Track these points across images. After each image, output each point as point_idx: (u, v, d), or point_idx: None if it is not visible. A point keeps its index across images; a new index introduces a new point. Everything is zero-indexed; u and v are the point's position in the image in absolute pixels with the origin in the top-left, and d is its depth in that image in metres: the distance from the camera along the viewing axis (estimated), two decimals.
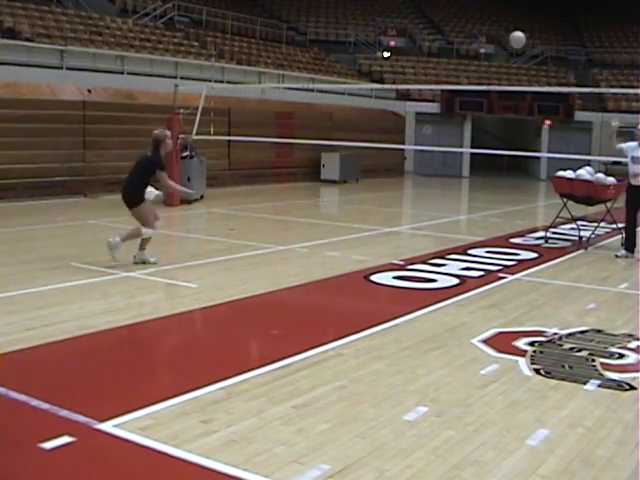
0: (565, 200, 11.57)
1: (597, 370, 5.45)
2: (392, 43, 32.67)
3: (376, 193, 20.33)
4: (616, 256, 10.43)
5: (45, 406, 4.36)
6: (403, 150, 26.42)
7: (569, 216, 11.71)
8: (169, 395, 4.60)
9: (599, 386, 5.11)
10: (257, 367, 5.21)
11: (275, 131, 20.63)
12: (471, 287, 8.19)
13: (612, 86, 29.27)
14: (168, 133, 8.96)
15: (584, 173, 11.20)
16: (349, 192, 20.17)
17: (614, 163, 11.56)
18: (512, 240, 11.86)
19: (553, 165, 21.89)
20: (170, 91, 15.52)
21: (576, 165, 12.10)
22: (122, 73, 18.75)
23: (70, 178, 15.99)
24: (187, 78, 19.25)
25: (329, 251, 10.20)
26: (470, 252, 10.48)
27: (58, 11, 20.72)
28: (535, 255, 10.50)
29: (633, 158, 10.11)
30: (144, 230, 8.70)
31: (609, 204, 11.20)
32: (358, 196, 19.25)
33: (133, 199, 8.83)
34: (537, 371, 5.37)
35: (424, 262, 9.58)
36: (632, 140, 10.33)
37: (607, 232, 12.36)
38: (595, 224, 12.11)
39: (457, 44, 33.77)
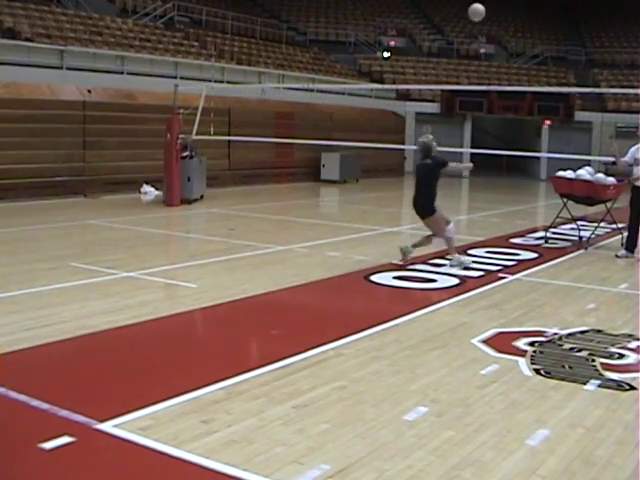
0: (565, 200, 11.57)
1: (597, 370, 5.45)
2: (392, 43, 32.66)
3: (376, 193, 20.33)
4: (616, 256, 10.43)
5: (45, 406, 4.36)
6: (403, 150, 26.42)
7: (569, 216, 11.71)
8: (169, 395, 4.60)
9: (599, 386, 5.11)
10: (257, 367, 5.21)
11: (275, 131, 20.63)
12: (471, 287, 8.19)
13: (612, 86, 29.26)
14: (431, 137, 9.78)
15: (584, 173, 11.20)
16: (349, 192, 20.17)
17: (614, 163, 11.54)
18: (512, 240, 11.86)
19: (553, 165, 21.88)
20: (170, 91, 15.51)
21: (576, 165, 12.10)
22: (122, 73, 18.74)
23: (70, 178, 15.99)
24: (187, 78, 19.24)
25: (329, 251, 10.20)
26: (470, 252, 10.47)
27: (58, 11, 20.72)
28: (535, 255, 10.50)
29: (637, 160, 10.08)
30: (435, 239, 9.34)
31: (609, 204, 11.20)
32: (358, 196, 19.25)
33: (425, 211, 9.51)
34: (537, 371, 5.37)
35: (424, 262, 9.58)
36: (632, 145, 10.32)
37: (607, 232, 12.35)
38: (595, 224, 12.11)
39: (457, 44, 33.77)
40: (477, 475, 3.74)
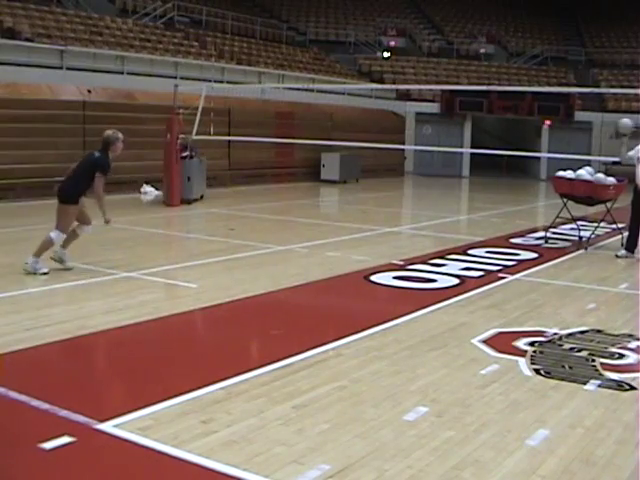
0: (565, 200, 11.57)
1: (597, 370, 5.45)
2: (392, 43, 32.67)
3: (376, 193, 20.33)
4: (616, 256, 10.43)
5: (45, 406, 4.36)
6: (403, 150, 26.42)
7: (569, 216, 11.71)
8: (169, 395, 4.60)
9: (599, 386, 5.11)
10: (257, 367, 5.21)
11: (275, 131, 20.62)
12: (471, 287, 8.19)
13: (612, 86, 29.28)
14: (120, 135, 8.43)
15: (584, 173, 11.20)
16: (349, 192, 20.17)
17: (614, 163, 11.56)
18: (512, 240, 11.85)
19: (553, 165, 21.89)
20: (170, 91, 15.52)
21: (576, 165, 12.10)
22: (122, 73, 18.75)
23: None
24: (187, 78, 19.24)
25: (329, 251, 10.20)
26: (470, 252, 10.47)
27: (58, 11, 20.72)
28: (535, 255, 10.49)
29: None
30: (52, 234, 8.15)
31: (609, 204, 11.20)
32: (358, 196, 19.26)
33: (65, 197, 8.33)
34: (537, 371, 5.37)
35: (424, 262, 9.58)
36: (637, 144, 10.31)
37: (607, 232, 12.35)
38: (595, 224, 12.10)
39: (457, 44, 33.78)
40: (477, 475, 3.74)
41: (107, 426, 4.11)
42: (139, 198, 16.30)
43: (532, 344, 6.03)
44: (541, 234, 12.29)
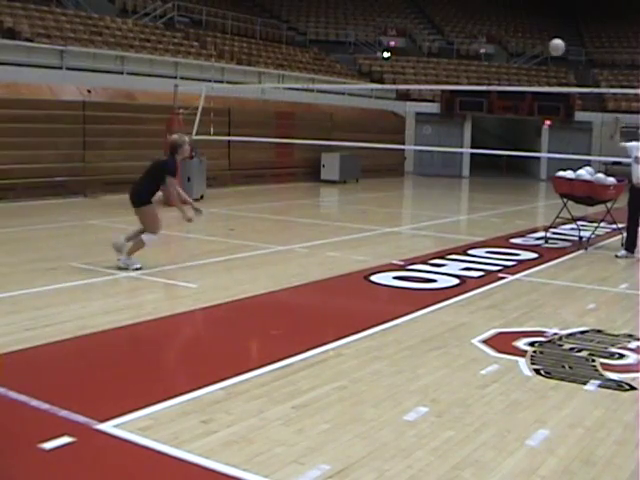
0: (565, 200, 11.58)
1: (597, 370, 5.45)
2: (392, 43, 32.67)
3: (376, 193, 20.33)
4: (616, 256, 10.43)
5: (45, 406, 4.36)
6: (403, 150, 26.41)
7: (569, 216, 11.71)
8: (169, 395, 4.60)
9: (599, 386, 5.11)
10: (257, 367, 5.21)
11: (275, 131, 20.62)
12: (471, 287, 8.19)
13: (612, 86, 29.28)
14: (186, 139, 8.69)
15: (584, 173, 11.21)
16: (349, 192, 20.17)
17: (614, 163, 11.57)
18: (512, 240, 11.86)
19: (553, 165, 21.91)
20: (170, 91, 15.52)
21: (576, 165, 12.10)
22: (122, 73, 18.75)
23: (70, 178, 15.98)
24: (187, 78, 19.25)
25: (329, 251, 10.20)
26: (470, 252, 10.48)
27: (58, 11, 20.72)
28: (535, 255, 10.49)
29: (637, 159, 10.05)
30: (145, 238, 8.43)
31: (609, 204, 11.20)
32: (358, 196, 19.26)
33: (140, 200, 8.54)
34: (537, 371, 5.37)
35: (424, 262, 9.58)
36: (635, 140, 10.30)
37: (607, 232, 12.36)
38: (595, 224, 12.11)
39: (457, 44, 33.78)
40: (477, 475, 3.74)
41: (107, 426, 4.12)
42: None
43: (532, 344, 6.03)
44: (541, 234, 12.29)
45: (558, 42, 10.06)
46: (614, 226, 11.67)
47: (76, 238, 11.04)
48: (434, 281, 8.48)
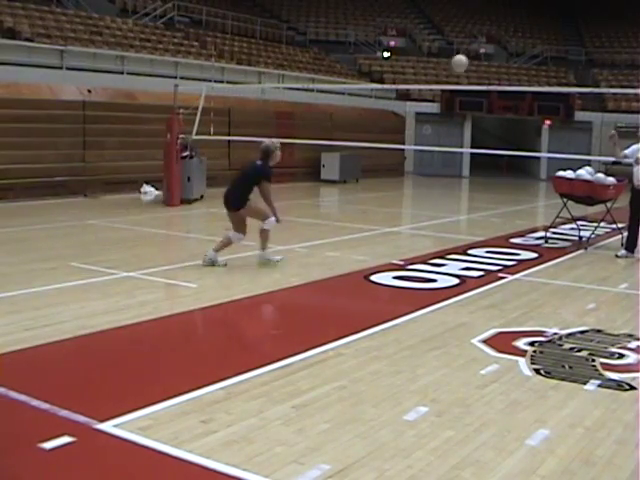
0: (565, 200, 11.58)
1: (597, 370, 5.45)
2: (392, 43, 32.68)
3: (376, 193, 20.33)
4: (616, 256, 10.43)
5: (45, 406, 4.36)
6: (403, 150, 26.41)
7: (569, 216, 11.72)
8: (169, 395, 4.60)
9: (599, 386, 5.11)
10: (257, 367, 5.20)
11: (275, 131, 20.57)
12: (471, 287, 8.19)
13: (612, 86, 29.29)
14: (278, 144, 9.01)
15: (584, 173, 11.21)
16: (349, 192, 20.17)
17: (614, 163, 11.58)
18: (512, 240, 11.85)
19: (553, 165, 21.90)
20: (170, 91, 15.51)
21: (576, 165, 12.10)
22: (122, 73, 18.75)
23: (70, 178, 15.99)
24: (187, 78, 19.25)
25: (329, 251, 10.20)
26: (470, 252, 10.47)
27: (58, 11, 20.72)
28: (535, 255, 10.49)
29: (638, 160, 10.04)
30: (232, 236, 8.87)
31: (609, 204, 11.20)
32: (358, 196, 19.25)
33: (235, 205, 8.88)
34: (537, 371, 5.37)
35: (424, 262, 9.58)
36: (634, 143, 10.30)
37: (607, 232, 12.36)
38: (595, 224, 12.11)
39: (457, 44, 33.76)
40: (477, 475, 3.74)
41: (107, 426, 4.11)
42: (139, 198, 16.29)
43: (532, 344, 6.03)
44: (541, 234, 12.29)
45: (460, 57, 9.95)
46: (614, 226, 11.66)
47: (76, 238, 11.03)
48: (434, 281, 8.48)
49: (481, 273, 9.02)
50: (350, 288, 8.32)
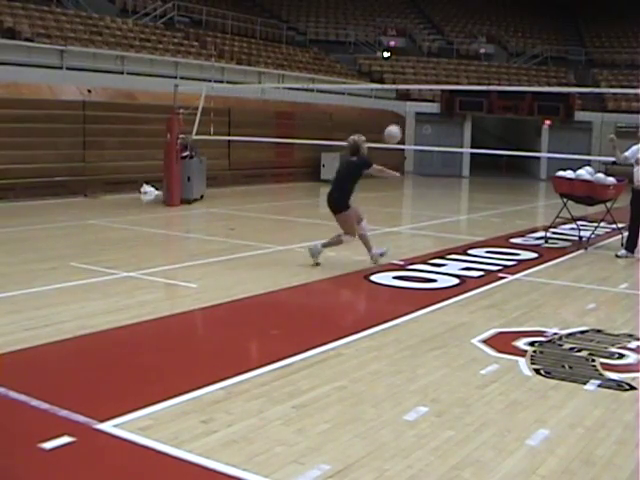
0: (565, 200, 11.58)
1: (597, 370, 5.45)
2: (392, 43, 32.66)
3: (376, 193, 20.30)
4: (616, 256, 10.43)
5: (45, 406, 4.36)
6: (403, 150, 26.41)
7: (569, 216, 11.72)
8: (169, 395, 4.60)
9: (599, 386, 5.11)
10: (257, 367, 5.21)
11: (275, 131, 20.62)
12: (471, 287, 8.19)
13: (612, 86, 29.28)
14: (363, 137, 9.62)
15: (584, 173, 11.21)
16: None
17: (614, 163, 11.57)
18: (512, 240, 11.85)
19: (553, 165, 21.88)
20: (170, 91, 15.51)
21: (576, 165, 12.10)
22: (122, 73, 18.75)
23: (70, 178, 15.99)
24: (187, 78, 19.24)
25: (329, 251, 10.19)
26: (470, 252, 10.47)
27: (58, 11, 20.72)
28: (535, 255, 10.49)
29: (638, 160, 10.04)
30: (344, 238, 9.12)
31: (609, 204, 11.20)
32: (358, 196, 19.18)
33: (339, 208, 9.18)
34: (537, 371, 5.37)
35: (424, 262, 9.58)
36: (634, 144, 10.30)
37: (607, 232, 12.35)
38: (595, 224, 12.11)
39: (457, 44, 33.77)
40: (477, 475, 3.74)
41: (107, 426, 4.12)
42: (139, 198, 16.30)
43: (532, 344, 6.03)
44: (541, 234, 12.29)
45: (393, 128, 10.05)
46: (614, 226, 11.66)
47: (76, 238, 11.03)
48: (434, 281, 8.48)
49: (481, 273, 9.02)
50: (350, 288, 8.32)
